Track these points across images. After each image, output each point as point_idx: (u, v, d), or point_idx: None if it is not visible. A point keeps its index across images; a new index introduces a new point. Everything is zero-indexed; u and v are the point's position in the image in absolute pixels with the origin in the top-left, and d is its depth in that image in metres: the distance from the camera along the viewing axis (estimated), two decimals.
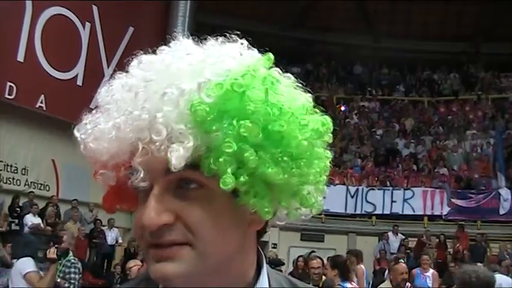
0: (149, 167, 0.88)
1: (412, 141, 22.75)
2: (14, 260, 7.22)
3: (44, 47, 15.33)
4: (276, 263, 14.14)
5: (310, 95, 1.00)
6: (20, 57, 14.86)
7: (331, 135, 0.98)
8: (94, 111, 0.99)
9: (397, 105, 25.32)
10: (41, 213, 14.58)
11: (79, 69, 16.43)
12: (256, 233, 1.02)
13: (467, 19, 25.05)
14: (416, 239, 18.30)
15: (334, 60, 27.14)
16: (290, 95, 0.94)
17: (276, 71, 0.96)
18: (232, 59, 0.93)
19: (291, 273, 10.99)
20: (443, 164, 21.09)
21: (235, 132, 0.86)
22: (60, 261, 7.10)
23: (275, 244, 18.53)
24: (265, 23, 24.70)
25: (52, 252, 6.77)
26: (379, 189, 20.07)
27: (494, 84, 25.45)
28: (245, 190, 0.89)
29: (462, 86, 25.80)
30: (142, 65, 0.96)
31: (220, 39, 0.98)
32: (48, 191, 15.93)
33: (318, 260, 7.79)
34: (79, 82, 16.31)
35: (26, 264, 6.85)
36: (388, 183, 20.45)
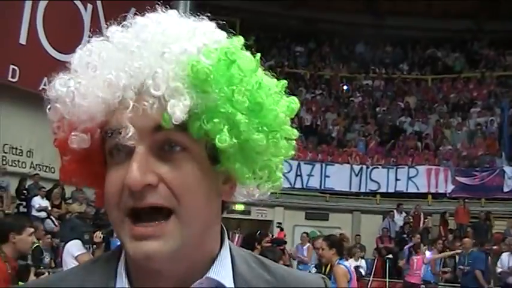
0: (137, 125, 0.89)
1: (416, 119, 22.71)
2: (62, 243, 7.91)
3: (46, 29, 15.26)
4: (278, 242, 14.18)
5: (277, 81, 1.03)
6: (22, 39, 14.80)
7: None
8: (66, 73, 0.98)
9: (401, 83, 25.22)
10: (47, 195, 14.67)
11: None
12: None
13: None
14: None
15: (337, 39, 27.00)
16: (263, 74, 0.98)
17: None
18: (218, 32, 0.98)
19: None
20: (448, 142, 21.07)
21: (228, 96, 0.90)
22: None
23: (280, 223, 18.61)
24: (269, 2, 24.54)
25: (98, 237, 7.40)
26: (383, 167, 20.09)
27: (499, 62, 25.30)
28: (228, 155, 0.92)
29: (466, 63, 25.67)
30: (137, 26, 0.96)
31: (193, 18, 1.00)
32: (53, 173, 15.94)
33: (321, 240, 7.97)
34: None
35: (76, 247, 7.43)
36: (392, 161, 20.46)
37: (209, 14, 1.02)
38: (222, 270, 0.99)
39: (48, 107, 0.99)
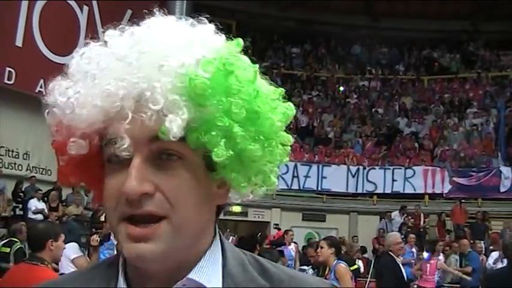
0: (134, 136, 0.90)
1: (413, 120, 22.75)
2: None
3: (42, 31, 15.24)
4: (277, 244, 14.19)
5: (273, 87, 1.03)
6: (18, 42, 14.79)
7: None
8: (63, 79, 0.99)
9: (397, 84, 25.25)
10: (44, 198, 14.65)
11: None
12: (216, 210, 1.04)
13: None
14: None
15: (333, 40, 27.03)
16: (261, 80, 0.99)
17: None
18: (215, 39, 0.98)
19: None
20: (444, 143, 21.10)
21: (225, 108, 0.90)
22: (103, 245, 7.68)
23: (277, 224, 18.61)
24: (264, 3, 24.55)
25: (95, 240, 7.31)
26: (380, 168, 20.09)
27: (494, 62, 25.36)
28: (224, 165, 0.93)
29: (462, 64, 25.72)
30: (134, 36, 0.97)
31: (191, 21, 1.00)
32: (50, 175, 15.94)
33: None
34: None
35: (72, 250, 7.49)
36: (389, 162, 20.47)
37: (207, 16, 1.02)
38: (206, 271, 0.99)
39: (47, 111, 1.00)
